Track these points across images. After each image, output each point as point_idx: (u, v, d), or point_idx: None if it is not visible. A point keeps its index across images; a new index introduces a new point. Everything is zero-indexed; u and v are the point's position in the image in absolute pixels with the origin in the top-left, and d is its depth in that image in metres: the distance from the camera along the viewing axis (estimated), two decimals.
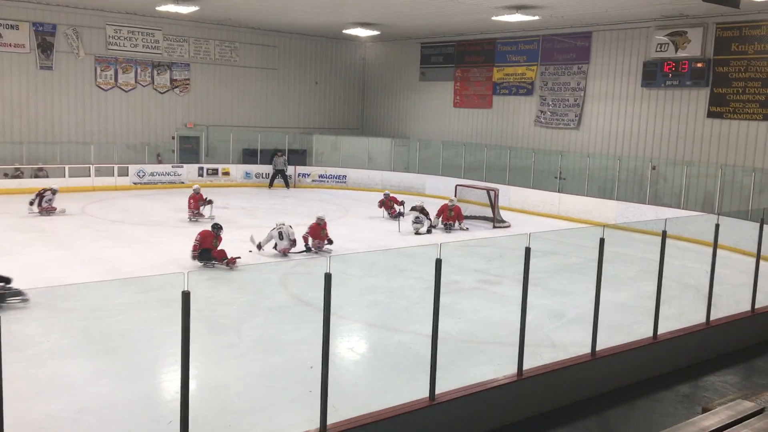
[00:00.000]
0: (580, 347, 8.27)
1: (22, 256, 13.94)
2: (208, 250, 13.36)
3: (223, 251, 13.42)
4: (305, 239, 14.98)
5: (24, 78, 24.13)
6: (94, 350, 9.21)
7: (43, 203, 18.25)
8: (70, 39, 24.72)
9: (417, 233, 17.76)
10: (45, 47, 24.32)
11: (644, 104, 22.00)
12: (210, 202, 18.55)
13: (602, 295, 8.08)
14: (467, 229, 18.86)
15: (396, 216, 19.17)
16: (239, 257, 13.46)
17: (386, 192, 20.72)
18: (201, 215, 18.27)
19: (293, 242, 14.67)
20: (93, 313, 10.47)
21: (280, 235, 14.56)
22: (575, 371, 7.91)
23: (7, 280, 10.61)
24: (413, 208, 18.50)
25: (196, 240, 13.43)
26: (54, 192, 18.55)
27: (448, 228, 18.58)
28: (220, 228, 13.88)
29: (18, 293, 10.50)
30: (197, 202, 18.36)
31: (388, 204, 19.91)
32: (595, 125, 23.48)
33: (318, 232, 15.05)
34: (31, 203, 18.23)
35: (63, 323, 10.06)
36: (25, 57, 24.00)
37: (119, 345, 9.49)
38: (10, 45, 23.64)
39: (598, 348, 8.09)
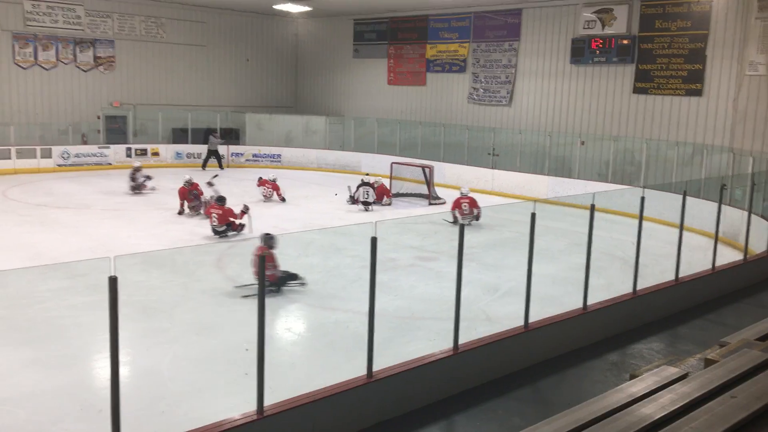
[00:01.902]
0: (514, 320, 8.44)
1: None
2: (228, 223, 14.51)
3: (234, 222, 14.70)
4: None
5: None
6: (19, 339, 8.87)
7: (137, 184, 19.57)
8: None
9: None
10: None
11: (573, 81, 22.44)
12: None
13: (534, 269, 8.24)
14: (389, 203, 19.15)
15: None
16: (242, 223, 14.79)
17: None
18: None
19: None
20: (17, 301, 10.06)
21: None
22: (509, 343, 8.07)
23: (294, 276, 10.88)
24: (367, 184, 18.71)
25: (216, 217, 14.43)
26: (138, 171, 19.76)
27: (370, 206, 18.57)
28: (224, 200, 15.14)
29: (295, 277, 10.68)
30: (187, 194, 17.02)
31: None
32: (526, 102, 23.84)
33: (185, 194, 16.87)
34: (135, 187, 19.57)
35: None
36: None
37: (46, 333, 9.17)
38: None
39: (530, 320, 8.27)
